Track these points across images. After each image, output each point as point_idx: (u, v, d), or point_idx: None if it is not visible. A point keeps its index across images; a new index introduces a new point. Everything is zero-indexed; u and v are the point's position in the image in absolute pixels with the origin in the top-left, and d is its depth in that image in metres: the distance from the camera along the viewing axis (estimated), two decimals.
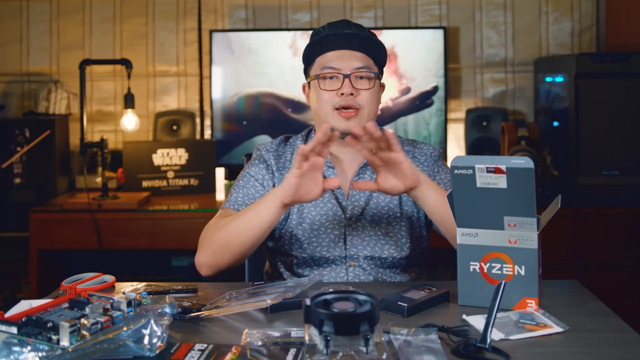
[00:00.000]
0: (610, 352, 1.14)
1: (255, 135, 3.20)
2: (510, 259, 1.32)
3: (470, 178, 1.28)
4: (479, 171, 1.27)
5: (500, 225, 1.31)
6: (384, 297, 1.33)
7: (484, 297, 1.32)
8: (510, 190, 1.27)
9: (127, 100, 2.95)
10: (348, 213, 1.67)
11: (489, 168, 1.26)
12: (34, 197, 2.99)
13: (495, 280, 1.32)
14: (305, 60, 1.71)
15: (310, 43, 1.70)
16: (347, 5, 3.35)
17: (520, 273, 1.32)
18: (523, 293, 1.32)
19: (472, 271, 1.34)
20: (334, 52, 1.65)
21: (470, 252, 1.34)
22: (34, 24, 3.36)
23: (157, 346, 1.09)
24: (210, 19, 3.37)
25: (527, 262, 1.31)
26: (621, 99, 2.74)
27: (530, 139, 2.93)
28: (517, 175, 1.26)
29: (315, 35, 1.70)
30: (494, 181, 1.27)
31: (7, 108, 3.33)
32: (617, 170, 2.73)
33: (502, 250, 1.32)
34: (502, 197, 1.28)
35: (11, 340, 1.06)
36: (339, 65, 1.63)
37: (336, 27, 1.69)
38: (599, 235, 2.73)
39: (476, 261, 1.34)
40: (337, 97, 1.62)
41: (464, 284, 1.35)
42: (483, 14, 3.34)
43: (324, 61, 1.65)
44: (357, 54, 1.65)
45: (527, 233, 1.30)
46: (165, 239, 2.81)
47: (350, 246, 1.66)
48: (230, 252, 1.52)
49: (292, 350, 1.11)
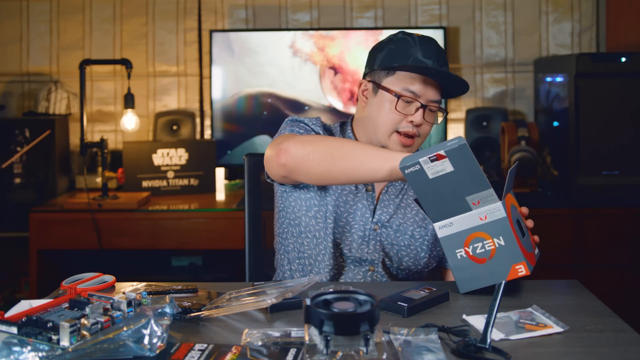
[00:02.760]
0: (610, 352, 1.14)
1: (255, 135, 3.20)
2: (487, 235, 1.36)
3: (421, 173, 1.32)
4: (424, 163, 1.31)
5: (467, 207, 1.35)
6: (384, 297, 1.33)
7: (480, 278, 1.37)
8: (458, 171, 1.31)
9: (127, 100, 2.95)
10: (375, 218, 1.67)
11: (431, 157, 1.30)
12: (34, 197, 2.99)
13: (482, 259, 1.36)
14: (384, 65, 1.64)
15: (396, 52, 1.63)
16: (347, 5, 3.35)
17: (500, 244, 1.35)
18: (511, 261, 1.35)
19: (460, 258, 1.38)
20: (420, 77, 1.61)
21: (452, 241, 1.37)
22: (34, 24, 3.36)
23: (157, 346, 1.09)
24: (210, 19, 3.37)
25: (503, 231, 1.35)
26: (621, 99, 2.74)
27: (530, 139, 2.93)
28: (457, 154, 1.29)
29: (403, 45, 1.63)
30: (441, 168, 1.31)
31: (7, 108, 3.33)
32: (617, 170, 2.73)
33: (478, 229, 1.36)
34: (454, 180, 1.32)
35: (11, 340, 1.06)
36: (421, 92, 1.61)
37: (427, 49, 1.62)
38: (599, 235, 2.73)
39: (460, 248, 1.37)
40: (405, 122, 1.61)
41: (458, 273, 1.39)
42: (483, 14, 3.34)
43: (408, 82, 1.61)
44: (437, 86, 1.63)
45: (492, 205, 1.34)
46: (165, 239, 2.81)
47: (372, 250, 1.66)
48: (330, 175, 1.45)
49: (292, 350, 1.11)
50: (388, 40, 1.67)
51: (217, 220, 2.82)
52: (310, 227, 1.66)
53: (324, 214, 1.65)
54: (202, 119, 3.39)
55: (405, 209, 1.70)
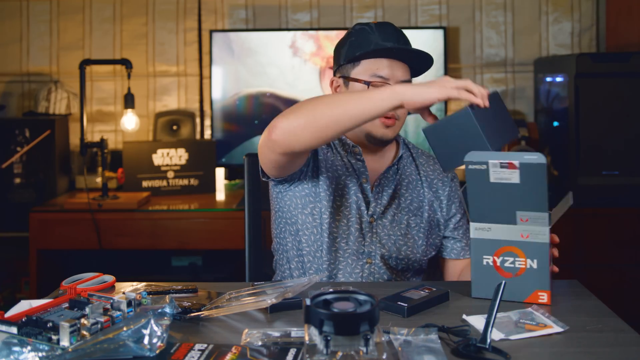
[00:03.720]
0: (610, 352, 1.14)
1: (255, 135, 3.20)
2: (522, 253, 1.35)
3: (483, 173, 1.31)
4: (492, 166, 1.30)
5: (513, 220, 1.34)
6: (383, 297, 1.33)
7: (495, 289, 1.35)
8: (523, 186, 1.30)
9: (127, 100, 2.95)
10: (370, 210, 1.69)
11: (502, 163, 1.28)
12: (34, 197, 2.99)
13: (508, 273, 1.35)
14: (348, 59, 1.68)
15: (357, 42, 1.67)
16: (347, 5, 3.35)
17: (532, 266, 1.34)
18: (535, 286, 1.35)
19: (485, 264, 1.37)
20: (386, 60, 1.65)
21: (484, 246, 1.36)
22: (34, 24, 3.36)
23: (157, 346, 1.09)
24: (210, 19, 3.37)
25: (539, 256, 1.34)
26: (621, 99, 2.74)
27: (530, 139, 2.93)
28: (530, 170, 1.28)
29: (361, 35, 1.67)
30: (507, 176, 1.30)
31: (7, 108, 3.33)
32: (617, 170, 2.73)
33: (515, 244, 1.35)
34: (514, 192, 1.31)
35: (11, 340, 1.06)
36: (389, 75, 1.64)
37: (385, 32, 1.66)
38: (599, 235, 2.73)
39: (489, 255, 1.36)
40: None
41: (477, 277, 1.38)
42: (483, 14, 3.34)
43: (374, 68, 1.65)
44: (404, 66, 1.66)
45: (539, 228, 1.33)
46: (165, 239, 2.81)
47: (369, 243, 1.67)
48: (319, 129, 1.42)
49: (292, 350, 1.11)
50: (348, 34, 1.71)
51: (217, 220, 2.82)
52: (307, 224, 1.67)
53: (319, 210, 1.66)
54: (202, 119, 3.39)
55: (399, 198, 1.71)
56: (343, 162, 1.71)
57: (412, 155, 1.79)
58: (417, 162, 1.78)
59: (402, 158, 1.75)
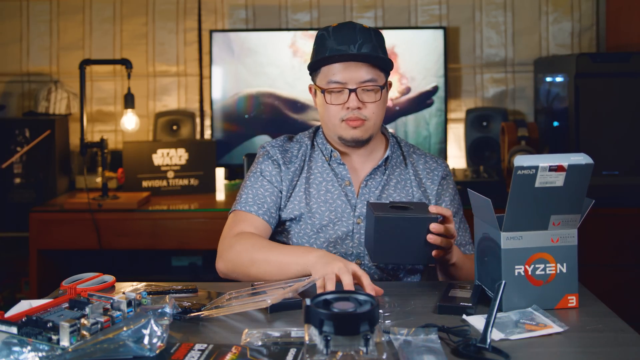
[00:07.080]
0: (610, 352, 1.14)
1: (255, 135, 3.20)
2: (553, 258, 1.34)
3: (531, 178, 1.28)
4: (542, 170, 1.28)
5: (545, 225, 1.33)
6: (439, 302, 1.34)
7: (526, 299, 1.33)
8: (565, 188, 1.29)
9: (127, 100, 2.95)
10: (357, 212, 1.69)
11: (552, 166, 1.27)
12: (34, 197, 2.99)
13: (539, 281, 1.34)
14: (310, 66, 1.72)
15: (316, 49, 1.70)
16: (347, 5, 3.35)
17: (562, 271, 1.34)
18: (565, 290, 1.34)
19: (517, 275, 1.33)
20: (339, 64, 1.65)
21: (516, 256, 1.33)
22: (34, 24, 3.36)
23: (157, 346, 1.09)
24: (210, 19, 3.37)
25: (568, 259, 1.34)
26: (621, 99, 2.74)
27: (530, 139, 2.92)
28: (577, 171, 1.28)
29: (320, 41, 1.69)
30: (552, 180, 1.28)
31: (7, 108, 3.33)
32: (617, 170, 2.73)
33: (546, 250, 1.34)
34: (555, 196, 1.30)
35: (11, 340, 1.06)
36: (345, 78, 1.64)
37: (342, 36, 1.66)
38: (599, 235, 2.72)
39: (521, 264, 1.33)
40: (344, 110, 1.66)
41: (508, 289, 1.33)
42: (483, 14, 3.34)
43: (330, 74, 1.66)
44: (363, 66, 1.65)
45: (569, 230, 1.34)
46: (165, 239, 2.81)
47: (357, 244, 1.68)
48: (250, 278, 1.56)
49: (292, 350, 1.11)
50: (314, 41, 1.72)
51: (217, 220, 2.80)
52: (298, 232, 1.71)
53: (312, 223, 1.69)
54: (202, 119, 3.39)
55: (387, 199, 1.72)
56: (324, 167, 1.73)
57: (402, 154, 1.79)
58: (407, 160, 1.78)
59: (390, 158, 1.76)
